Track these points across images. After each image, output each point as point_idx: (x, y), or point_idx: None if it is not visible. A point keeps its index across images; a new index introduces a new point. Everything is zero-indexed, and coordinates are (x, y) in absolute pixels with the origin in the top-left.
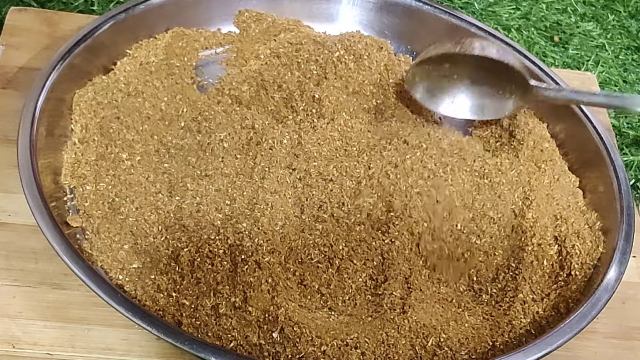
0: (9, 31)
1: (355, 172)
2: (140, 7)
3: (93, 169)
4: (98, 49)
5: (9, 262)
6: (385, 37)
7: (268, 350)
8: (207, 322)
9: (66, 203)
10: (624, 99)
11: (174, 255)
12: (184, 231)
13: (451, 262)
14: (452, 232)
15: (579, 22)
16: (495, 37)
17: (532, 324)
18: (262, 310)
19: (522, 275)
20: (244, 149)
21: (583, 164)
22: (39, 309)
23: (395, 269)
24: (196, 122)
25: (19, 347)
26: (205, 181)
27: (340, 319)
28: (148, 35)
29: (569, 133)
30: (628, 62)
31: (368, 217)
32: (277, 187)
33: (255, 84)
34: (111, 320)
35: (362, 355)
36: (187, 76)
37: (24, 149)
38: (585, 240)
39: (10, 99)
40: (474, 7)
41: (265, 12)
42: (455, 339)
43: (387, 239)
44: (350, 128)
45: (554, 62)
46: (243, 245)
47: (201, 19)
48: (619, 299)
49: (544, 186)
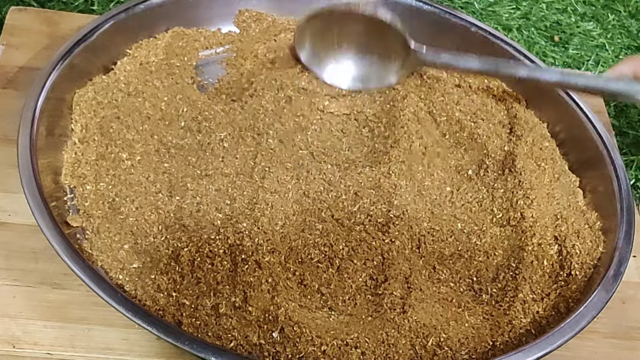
0: (9, 31)
1: (356, 172)
2: (141, 6)
3: (93, 169)
4: (98, 48)
5: (9, 262)
6: None
7: (268, 350)
8: (207, 322)
9: (66, 203)
10: (507, 67)
11: (174, 255)
12: (184, 231)
13: (451, 262)
14: (453, 233)
15: (579, 21)
16: (495, 36)
17: (532, 323)
18: (262, 310)
19: (522, 275)
20: (244, 148)
21: (583, 164)
22: (39, 308)
23: (396, 269)
24: (196, 122)
25: (19, 347)
26: (205, 181)
27: (340, 319)
28: (148, 35)
29: (569, 132)
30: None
31: (368, 217)
32: (277, 187)
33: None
34: (111, 320)
35: (362, 355)
36: (187, 76)
37: (24, 149)
38: (586, 240)
39: (10, 98)
40: (474, 7)
41: (265, 12)
42: (456, 338)
43: (387, 239)
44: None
45: (554, 62)
46: (243, 245)
47: (201, 18)
48: (619, 299)
49: (544, 186)
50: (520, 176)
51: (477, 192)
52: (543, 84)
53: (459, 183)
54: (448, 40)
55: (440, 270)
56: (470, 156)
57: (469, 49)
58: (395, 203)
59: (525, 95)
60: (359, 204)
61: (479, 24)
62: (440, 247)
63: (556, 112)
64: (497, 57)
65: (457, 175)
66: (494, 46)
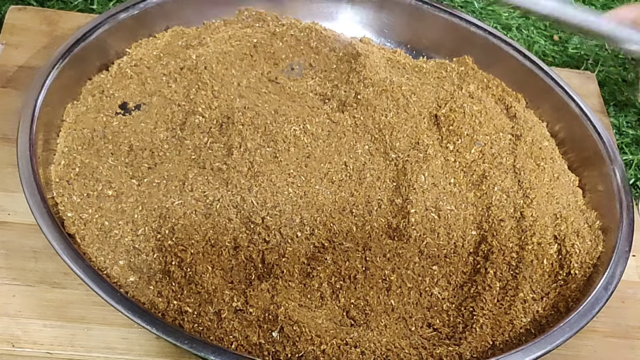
0: (9, 30)
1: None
2: (140, 5)
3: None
4: (97, 48)
5: (9, 261)
6: (385, 35)
7: (268, 349)
8: (210, 327)
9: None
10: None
11: (167, 270)
12: (173, 243)
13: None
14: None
15: None
16: (495, 36)
17: (532, 323)
18: (262, 309)
19: (523, 275)
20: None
21: (583, 163)
22: (38, 308)
23: (400, 271)
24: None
25: (19, 346)
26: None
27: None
28: (148, 34)
29: (569, 132)
30: (627, 60)
31: (372, 220)
32: (278, 188)
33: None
34: (111, 319)
35: (361, 354)
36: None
37: (23, 148)
38: (585, 239)
39: (9, 98)
40: (473, 6)
41: (265, 11)
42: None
43: (393, 242)
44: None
45: (553, 61)
46: (241, 245)
47: (201, 17)
48: (619, 298)
49: (543, 185)
50: (519, 175)
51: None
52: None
53: (458, 182)
54: (449, 40)
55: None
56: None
57: (470, 48)
58: (398, 201)
59: (525, 94)
60: (367, 205)
61: (478, 23)
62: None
63: (556, 112)
64: (498, 57)
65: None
66: (493, 45)
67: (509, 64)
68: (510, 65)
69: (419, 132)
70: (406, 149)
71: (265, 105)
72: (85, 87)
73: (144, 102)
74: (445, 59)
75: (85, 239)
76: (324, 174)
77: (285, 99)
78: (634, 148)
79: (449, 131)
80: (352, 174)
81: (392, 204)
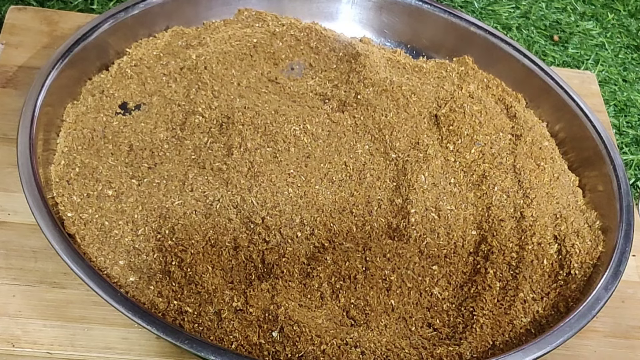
0: (9, 30)
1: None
2: (140, 5)
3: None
4: (98, 48)
5: (9, 261)
6: (385, 35)
7: (268, 349)
8: (210, 327)
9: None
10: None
11: (167, 270)
12: (174, 243)
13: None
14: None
15: (578, 21)
16: (495, 36)
17: (532, 323)
18: (262, 309)
19: (523, 275)
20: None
21: (583, 163)
22: (38, 307)
23: (400, 271)
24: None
25: (19, 346)
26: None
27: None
28: (148, 34)
29: (569, 132)
30: (628, 60)
31: (372, 220)
32: (278, 188)
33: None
34: (111, 319)
35: (361, 354)
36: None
37: (23, 148)
38: (585, 239)
39: (9, 97)
40: (473, 6)
41: (265, 11)
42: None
43: (393, 242)
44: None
45: (553, 61)
46: (241, 245)
47: (201, 17)
48: (619, 298)
49: (543, 185)
50: (519, 175)
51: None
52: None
53: (458, 182)
54: (449, 40)
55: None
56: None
57: (470, 48)
58: (398, 201)
59: (525, 94)
60: (367, 205)
61: (478, 23)
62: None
63: (556, 112)
64: (498, 57)
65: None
66: (493, 45)
67: (509, 64)
68: (510, 65)
69: (419, 132)
70: (406, 149)
71: (265, 105)
72: (85, 87)
73: (144, 102)
74: (445, 59)
75: (85, 239)
76: (324, 174)
77: (285, 99)
78: (634, 148)
79: (449, 131)
80: (352, 174)
81: (392, 204)
